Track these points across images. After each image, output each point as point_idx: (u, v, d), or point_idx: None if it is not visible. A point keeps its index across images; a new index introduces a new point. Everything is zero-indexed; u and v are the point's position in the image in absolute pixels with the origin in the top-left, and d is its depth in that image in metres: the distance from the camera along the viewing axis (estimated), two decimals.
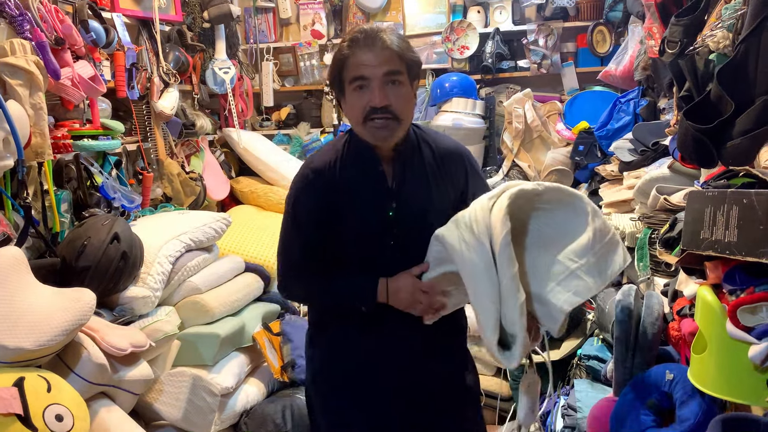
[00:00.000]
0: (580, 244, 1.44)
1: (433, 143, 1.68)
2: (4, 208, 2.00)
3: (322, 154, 1.67)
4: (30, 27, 2.08)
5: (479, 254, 1.40)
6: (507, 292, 1.37)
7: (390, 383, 1.69)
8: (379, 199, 1.61)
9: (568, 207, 1.47)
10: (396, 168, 1.62)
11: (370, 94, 1.52)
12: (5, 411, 1.49)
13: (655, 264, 2.07)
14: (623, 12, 3.53)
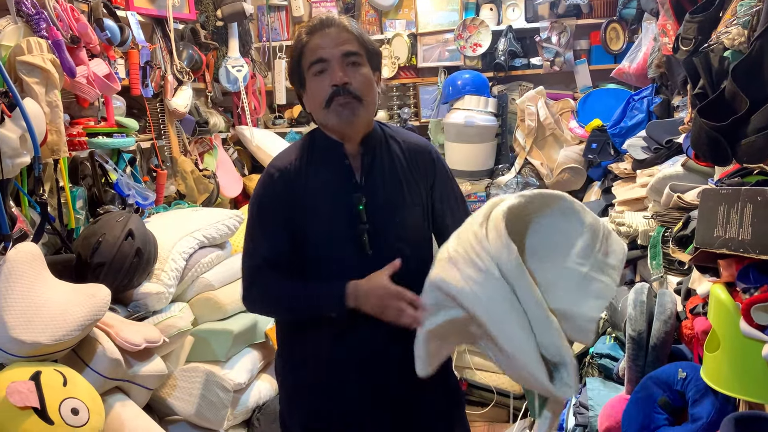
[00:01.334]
0: (582, 244, 1.34)
1: (401, 139, 1.65)
2: (20, 204, 2.03)
3: (286, 152, 1.63)
4: (46, 26, 2.10)
5: (495, 288, 1.25)
6: (538, 319, 1.24)
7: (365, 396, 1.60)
8: (347, 194, 1.55)
9: (555, 211, 1.38)
10: (363, 162, 1.58)
11: (331, 75, 1.49)
12: (22, 404, 1.51)
13: (668, 262, 2.06)
14: (637, 9, 3.50)
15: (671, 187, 2.07)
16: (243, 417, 2.48)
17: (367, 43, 1.56)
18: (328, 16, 1.54)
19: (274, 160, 1.62)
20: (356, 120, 1.53)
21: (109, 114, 2.52)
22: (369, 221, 1.54)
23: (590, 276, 1.32)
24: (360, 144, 1.59)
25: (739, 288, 1.29)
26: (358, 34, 1.54)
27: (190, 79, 3.18)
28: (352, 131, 1.56)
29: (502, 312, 1.25)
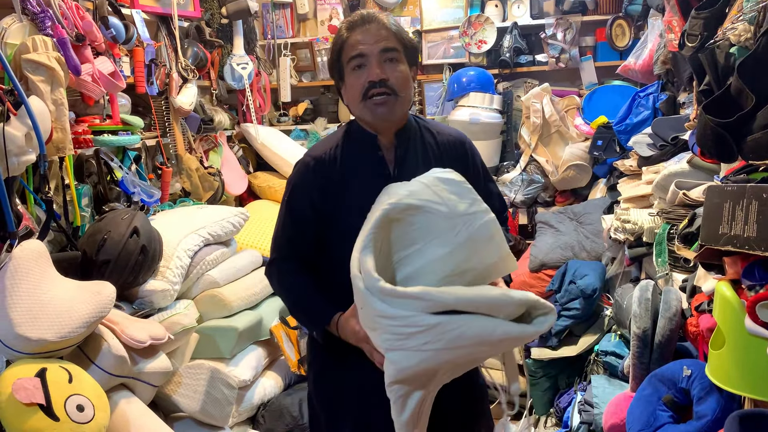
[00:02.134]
0: (443, 223, 1.37)
1: (435, 131, 1.69)
2: (26, 202, 2.03)
3: (322, 142, 1.68)
4: (51, 24, 2.10)
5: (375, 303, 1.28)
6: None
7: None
8: (379, 184, 1.56)
9: (416, 214, 1.40)
10: (397, 154, 1.62)
11: (368, 70, 1.54)
12: (28, 401, 1.52)
13: (674, 259, 2.05)
14: (642, 5, 3.49)
15: (677, 184, 2.06)
16: (248, 414, 2.49)
17: (405, 39, 1.60)
18: (369, 12, 1.58)
19: (311, 150, 1.68)
20: (391, 116, 1.58)
21: (114, 112, 2.52)
22: None
23: (466, 246, 1.34)
24: (394, 136, 1.63)
25: (745, 285, 1.28)
26: (397, 31, 1.58)
27: (195, 76, 3.19)
28: (387, 126, 1.61)
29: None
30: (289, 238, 1.64)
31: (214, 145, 3.48)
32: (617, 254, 2.76)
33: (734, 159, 1.51)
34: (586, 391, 2.33)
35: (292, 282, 1.63)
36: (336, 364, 1.66)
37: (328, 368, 1.68)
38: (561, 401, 2.66)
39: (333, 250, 1.62)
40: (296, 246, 1.63)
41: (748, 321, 1.22)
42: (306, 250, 1.63)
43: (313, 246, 1.63)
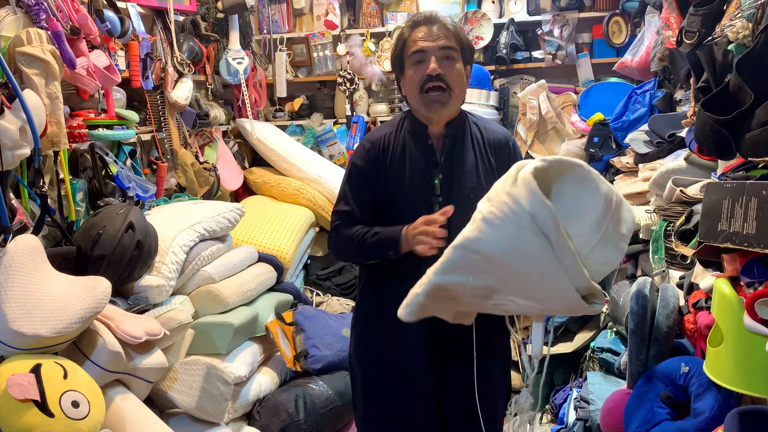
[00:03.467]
0: (596, 214, 1.40)
1: (483, 128, 1.84)
2: (20, 196, 2.02)
3: (380, 128, 1.88)
4: (46, 16, 2.08)
5: (539, 245, 1.31)
6: (573, 268, 1.31)
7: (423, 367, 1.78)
8: (426, 169, 1.76)
9: (571, 178, 1.43)
10: (445, 143, 1.78)
11: (427, 66, 1.70)
12: (22, 397, 1.50)
13: (670, 257, 2.06)
14: (640, 2, 3.49)
15: (674, 181, 2.06)
16: (244, 410, 2.48)
17: (463, 40, 1.77)
18: (431, 13, 1.76)
19: (369, 134, 1.87)
20: (444, 111, 1.75)
21: (109, 106, 2.51)
22: (442, 195, 1.74)
23: (599, 244, 1.39)
24: (444, 127, 1.79)
25: (743, 282, 1.28)
26: (455, 32, 1.74)
27: (190, 71, 3.17)
28: (439, 118, 1.77)
29: (544, 265, 1.31)
30: (347, 212, 1.81)
31: (209, 140, 3.46)
32: None
33: (733, 156, 1.51)
34: (582, 387, 2.34)
35: (356, 232, 1.78)
36: (378, 327, 1.83)
37: (371, 330, 1.85)
38: (557, 398, 2.67)
39: (383, 222, 1.78)
40: (354, 217, 1.80)
41: (746, 318, 1.22)
42: (363, 221, 1.79)
43: (370, 217, 1.80)
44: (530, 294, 1.40)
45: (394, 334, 1.77)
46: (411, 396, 1.81)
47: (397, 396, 1.82)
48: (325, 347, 2.68)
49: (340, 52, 4.04)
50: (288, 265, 3.12)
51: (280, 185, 3.62)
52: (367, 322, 1.88)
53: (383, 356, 1.83)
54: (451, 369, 1.80)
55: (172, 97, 3.02)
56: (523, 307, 1.44)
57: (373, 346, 1.86)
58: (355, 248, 1.81)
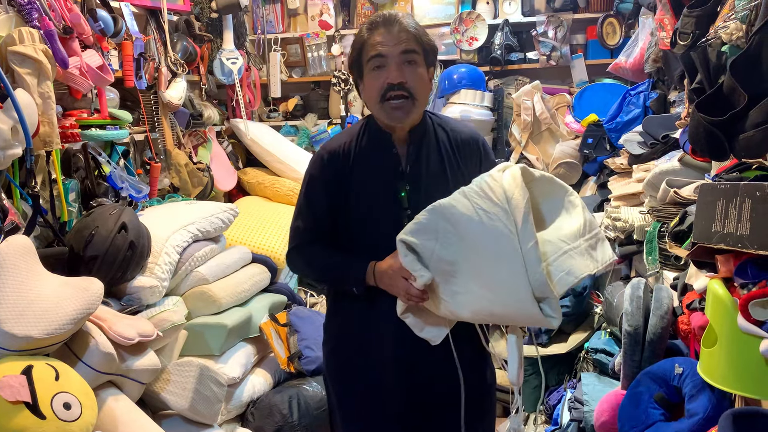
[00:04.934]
0: (572, 230, 1.44)
1: (449, 129, 1.72)
2: (12, 197, 2.01)
3: (339, 136, 1.74)
4: (38, 15, 2.07)
5: (504, 222, 1.36)
6: (531, 257, 1.35)
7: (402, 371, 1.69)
8: (391, 180, 1.65)
9: (556, 199, 1.49)
10: (410, 151, 1.66)
11: (387, 72, 1.57)
12: (14, 399, 1.49)
13: (664, 257, 2.06)
14: (634, 3, 3.50)
15: (668, 182, 2.07)
16: (237, 411, 2.47)
17: (425, 42, 1.63)
18: (390, 13, 1.62)
19: (327, 143, 1.73)
20: (407, 119, 1.62)
21: (102, 106, 2.50)
22: (411, 207, 1.62)
23: (569, 254, 1.41)
24: (408, 133, 1.67)
25: (737, 283, 1.28)
26: (416, 34, 1.61)
27: (184, 71, 3.16)
28: (402, 128, 1.66)
29: (504, 244, 1.36)
30: (306, 227, 1.71)
31: (203, 141, 3.46)
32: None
33: (726, 157, 1.51)
34: (576, 388, 2.34)
35: (320, 253, 1.70)
36: (348, 339, 1.75)
37: (342, 344, 1.77)
38: (551, 398, 2.67)
39: (345, 240, 1.69)
40: (314, 234, 1.71)
41: (740, 319, 1.21)
42: (323, 237, 1.70)
43: (330, 234, 1.70)
44: (486, 279, 1.41)
45: (366, 351, 1.71)
46: (386, 413, 1.72)
47: (373, 413, 1.74)
48: (319, 348, 2.64)
49: (335, 53, 4.04)
50: (282, 266, 3.12)
51: (274, 186, 3.62)
52: (338, 339, 1.79)
53: (357, 373, 1.74)
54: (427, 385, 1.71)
55: (165, 97, 3.01)
56: (478, 298, 1.43)
57: (346, 364, 1.76)
58: (316, 275, 1.75)
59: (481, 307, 1.45)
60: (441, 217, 1.44)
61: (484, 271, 1.42)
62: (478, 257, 1.41)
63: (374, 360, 1.70)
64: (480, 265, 1.42)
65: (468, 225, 1.40)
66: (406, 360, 1.68)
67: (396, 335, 1.65)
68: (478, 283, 1.43)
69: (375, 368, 1.71)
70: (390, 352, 1.68)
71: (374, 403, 1.73)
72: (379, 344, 1.69)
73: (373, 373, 1.71)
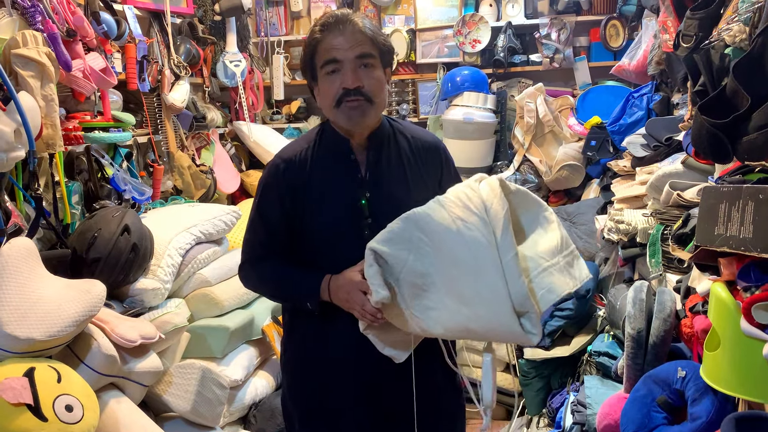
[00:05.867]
0: (549, 246, 1.39)
1: (410, 135, 1.67)
2: (15, 199, 2.01)
3: (294, 143, 1.66)
4: (42, 18, 2.08)
5: (483, 232, 1.31)
6: (511, 269, 1.30)
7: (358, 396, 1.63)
8: (350, 188, 1.58)
9: (532, 213, 1.45)
10: (369, 157, 1.60)
11: (343, 77, 1.50)
12: (16, 401, 1.49)
13: (668, 260, 2.05)
14: (637, 6, 3.50)
15: (671, 184, 2.06)
16: (239, 414, 2.47)
17: (380, 43, 1.55)
18: (343, 14, 1.53)
19: (282, 151, 1.65)
20: (365, 122, 1.56)
21: (105, 108, 2.50)
22: (372, 216, 1.56)
23: (550, 271, 1.37)
24: (367, 139, 1.61)
25: (740, 286, 1.28)
26: (372, 35, 1.53)
27: (187, 73, 3.16)
28: (360, 130, 1.59)
29: (483, 255, 1.31)
30: (261, 241, 1.64)
31: (206, 143, 3.46)
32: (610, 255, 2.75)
33: (729, 160, 1.50)
34: (579, 391, 2.33)
35: (272, 269, 1.62)
36: (306, 360, 1.67)
37: (299, 365, 1.69)
38: (554, 401, 2.66)
39: (304, 253, 1.62)
40: (268, 248, 1.63)
41: (743, 322, 1.21)
42: (279, 250, 1.63)
43: (286, 247, 1.62)
44: (462, 293, 1.34)
45: (324, 373, 1.64)
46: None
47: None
48: None
49: None
50: None
51: None
52: (295, 360, 1.70)
53: (316, 397, 1.67)
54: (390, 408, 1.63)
55: (168, 100, 3.02)
56: (453, 313, 1.36)
57: (305, 387, 1.69)
58: (269, 291, 1.68)
59: (456, 323, 1.37)
60: (415, 226, 1.38)
61: (460, 284, 1.35)
62: (455, 269, 1.35)
63: (334, 383, 1.63)
64: (456, 278, 1.35)
65: (445, 235, 1.35)
66: (367, 383, 1.61)
67: (357, 355, 1.58)
68: (454, 297, 1.36)
69: (333, 391, 1.64)
70: (350, 373, 1.61)
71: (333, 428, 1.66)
72: (339, 365, 1.62)
73: (333, 396, 1.64)
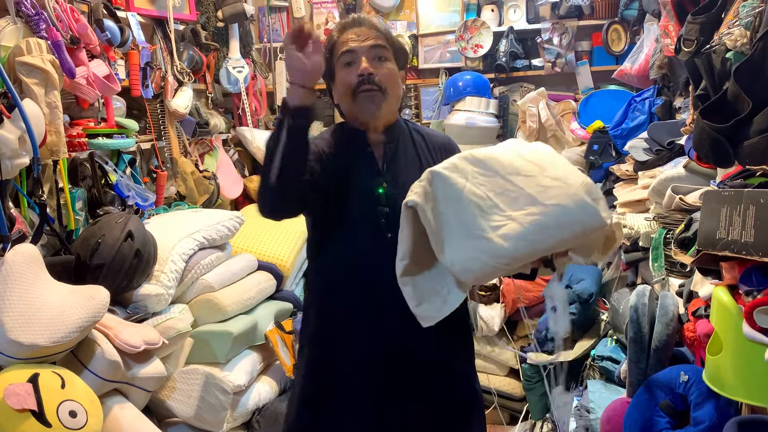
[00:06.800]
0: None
1: (425, 133, 1.76)
2: (19, 205, 2.02)
3: (312, 141, 1.66)
4: (46, 26, 2.09)
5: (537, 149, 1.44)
6: (573, 168, 1.42)
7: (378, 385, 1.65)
8: (368, 178, 1.64)
9: None
10: (386, 150, 1.67)
11: (357, 67, 1.60)
12: (20, 407, 1.50)
13: (670, 264, 2.05)
14: (639, 10, 3.49)
15: (673, 188, 2.06)
16: (243, 419, 2.47)
17: (395, 42, 1.67)
18: (360, 16, 1.67)
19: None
20: (379, 112, 1.62)
21: (109, 115, 2.51)
22: (388, 205, 1.61)
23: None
24: (383, 133, 1.68)
25: (742, 291, 1.28)
26: (386, 33, 1.66)
27: (190, 80, 3.17)
28: (376, 121, 1.65)
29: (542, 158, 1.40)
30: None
31: (209, 149, 3.47)
32: (613, 259, 2.75)
33: (731, 164, 1.51)
34: (582, 396, 2.33)
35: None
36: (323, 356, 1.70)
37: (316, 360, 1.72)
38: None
39: (322, 240, 1.68)
40: None
41: (745, 326, 1.21)
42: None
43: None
44: (529, 194, 1.33)
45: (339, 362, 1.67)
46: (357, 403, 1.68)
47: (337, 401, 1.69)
48: None
49: None
50: (288, 274, 3.12)
51: None
52: (311, 351, 1.73)
53: (329, 383, 1.69)
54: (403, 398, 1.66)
55: (171, 106, 3.03)
56: (521, 221, 1.32)
57: (319, 375, 1.71)
58: (267, 162, 1.49)
59: (526, 228, 1.32)
60: (473, 160, 1.41)
61: (527, 185, 1.35)
62: (518, 176, 1.36)
63: (346, 362, 1.66)
64: (521, 184, 1.35)
65: (501, 156, 1.40)
66: (382, 361, 1.64)
67: (374, 336, 1.63)
68: (521, 203, 1.34)
69: (345, 371, 1.67)
70: (364, 353, 1.64)
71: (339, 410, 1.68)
72: (353, 343, 1.65)
73: (344, 376, 1.67)
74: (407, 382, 1.65)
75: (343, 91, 1.63)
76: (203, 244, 2.56)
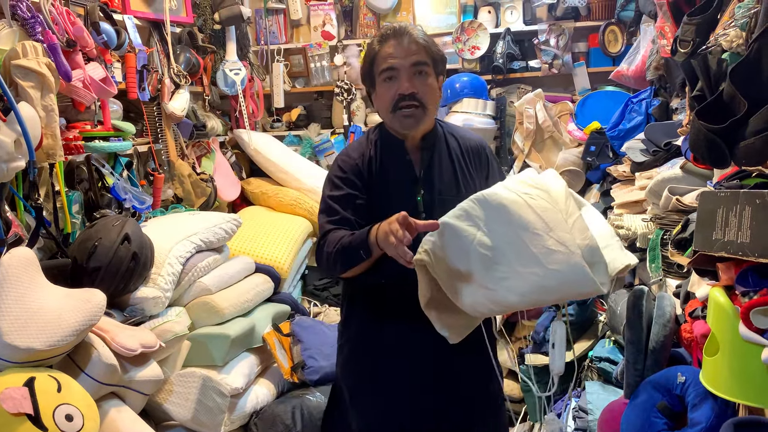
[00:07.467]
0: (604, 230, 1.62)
1: (458, 136, 1.82)
2: (16, 209, 2.01)
3: (353, 146, 1.80)
4: (42, 29, 2.09)
5: (547, 200, 1.48)
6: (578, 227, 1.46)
7: (414, 378, 1.76)
8: (407, 186, 1.72)
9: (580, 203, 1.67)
10: (423, 156, 1.74)
11: (399, 84, 1.66)
12: (16, 411, 1.49)
13: (667, 265, 2.05)
14: (635, 11, 3.50)
15: (670, 189, 2.06)
16: (240, 422, 2.47)
17: (434, 52, 1.71)
18: (400, 26, 1.70)
19: (347, 149, 1.81)
20: (418, 127, 1.71)
21: (105, 118, 2.51)
22: (426, 210, 1.69)
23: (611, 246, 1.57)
24: (420, 140, 1.75)
25: (738, 291, 1.28)
26: (426, 45, 1.69)
27: (187, 82, 3.17)
28: (414, 134, 1.74)
29: (550, 217, 1.44)
30: (338, 219, 1.70)
31: (206, 151, 3.47)
32: None
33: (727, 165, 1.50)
34: (580, 397, 2.33)
35: (333, 237, 1.67)
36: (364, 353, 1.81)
37: (356, 355, 1.84)
38: (555, 407, 2.65)
39: None
40: (346, 223, 1.70)
41: (742, 327, 1.21)
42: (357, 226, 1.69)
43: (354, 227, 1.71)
44: (534, 253, 1.43)
45: (379, 360, 1.79)
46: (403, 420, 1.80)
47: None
48: (322, 358, 2.66)
49: (338, 63, 4.06)
50: (285, 276, 3.12)
51: (277, 195, 3.62)
52: (351, 349, 1.86)
53: (369, 380, 1.82)
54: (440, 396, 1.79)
55: (168, 109, 3.02)
56: (527, 276, 1.43)
57: (360, 371, 1.85)
58: (335, 254, 1.66)
59: (529, 286, 1.45)
60: (484, 205, 1.48)
61: (532, 244, 1.43)
62: (525, 232, 1.44)
63: (385, 364, 1.77)
64: (527, 241, 1.44)
65: (512, 207, 1.46)
66: (418, 364, 1.75)
67: (411, 339, 1.72)
68: (525, 261, 1.44)
69: (385, 371, 1.78)
70: (402, 356, 1.75)
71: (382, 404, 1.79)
72: (392, 349, 1.76)
73: (384, 376, 1.78)
74: (441, 377, 1.76)
75: (383, 105, 1.71)
76: (200, 247, 2.56)
